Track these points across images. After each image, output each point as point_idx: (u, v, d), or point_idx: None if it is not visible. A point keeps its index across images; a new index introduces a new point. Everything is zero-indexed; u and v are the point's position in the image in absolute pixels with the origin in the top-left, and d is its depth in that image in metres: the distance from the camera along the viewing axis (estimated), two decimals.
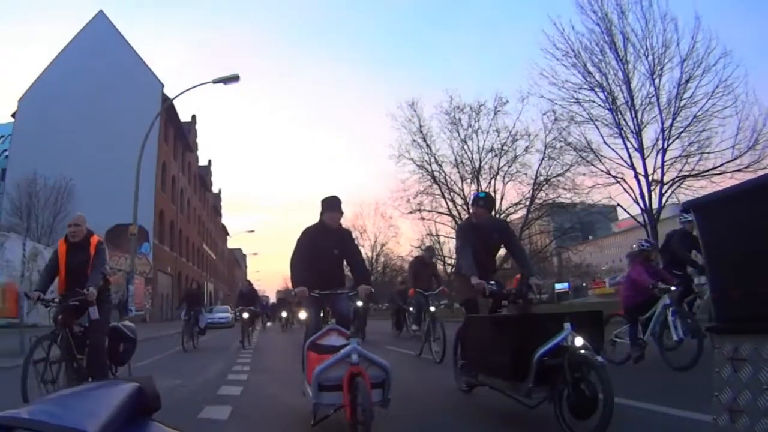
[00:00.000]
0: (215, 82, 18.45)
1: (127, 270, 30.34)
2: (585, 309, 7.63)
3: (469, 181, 26.38)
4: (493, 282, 4.93)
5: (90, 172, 34.52)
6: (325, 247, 4.88)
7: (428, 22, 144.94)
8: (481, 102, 26.12)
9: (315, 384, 3.62)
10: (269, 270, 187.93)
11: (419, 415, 4.54)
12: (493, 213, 6.33)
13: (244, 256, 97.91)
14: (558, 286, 65.69)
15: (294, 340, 11.60)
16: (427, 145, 27.07)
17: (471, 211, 5.76)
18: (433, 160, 27.13)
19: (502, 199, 25.38)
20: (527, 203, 24.94)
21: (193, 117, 53.47)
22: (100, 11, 43.45)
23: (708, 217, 2.25)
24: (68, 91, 38.22)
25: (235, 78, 18.48)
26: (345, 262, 5.21)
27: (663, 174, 19.17)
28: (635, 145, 19.69)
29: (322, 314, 4.90)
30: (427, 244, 24.68)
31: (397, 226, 40.48)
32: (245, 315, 13.69)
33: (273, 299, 48.04)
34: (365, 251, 44.92)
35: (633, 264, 7.18)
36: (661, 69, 19.44)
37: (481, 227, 5.31)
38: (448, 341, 7.39)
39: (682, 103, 18.84)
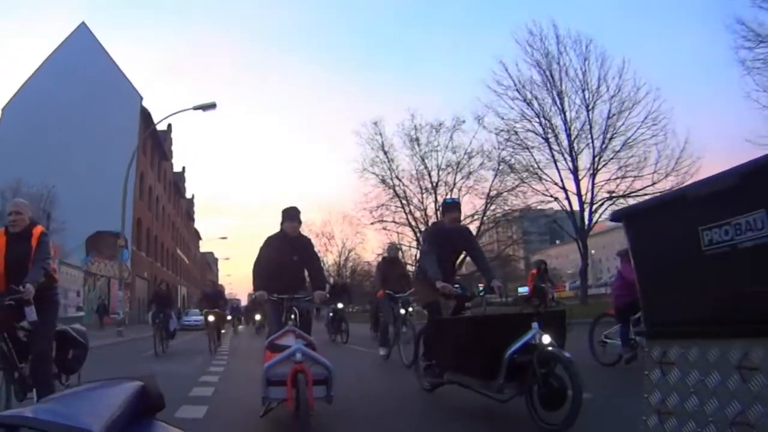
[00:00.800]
0: (195, 108, 20.64)
1: (109, 275, 32.14)
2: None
3: (427, 194, 29.00)
4: (457, 285, 5.28)
5: (72, 180, 35.70)
6: (285, 254, 5.10)
7: (404, 28, 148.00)
8: (440, 121, 28.83)
9: (263, 379, 3.89)
10: (241, 274, 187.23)
11: (381, 414, 4.68)
12: None
13: (216, 259, 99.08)
14: (521, 289, 68.67)
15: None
16: (389, 161, 29.73)
17: (443, 216, 5.77)
18: (394, 175, 29.75)
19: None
20: (480, 216, 27.56)
21: (169, 126, 55.00)
22: (82, 23, 45.08)
23: (635, 225, 2.28)
24: (51, 101, 39.50)
25: (212, 105, 20.68)
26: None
27: (593, 195, 22.09)
28: (571, 168, 22.68)
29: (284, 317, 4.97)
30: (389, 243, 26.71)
31: (364, 233, 42.53)
32: (210, 318, 12.96)
33: (244, 302, 49.69)
34: (333, 256, 47.16)
35: (624, 262, 6.87)
36: (594, 102, 22.53)
37: (448, 232, 5.48)
38: None
39: (610, 134, 22.02)
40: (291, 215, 5.20)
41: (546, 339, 3.74)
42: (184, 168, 67.26)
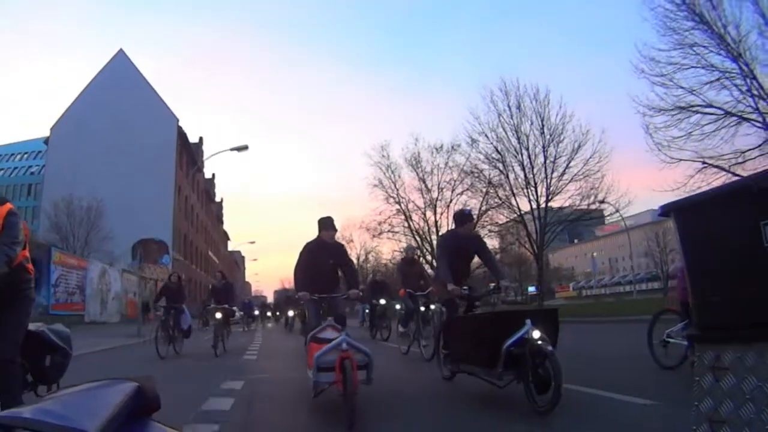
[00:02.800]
0: (231, 150, 24.20)
1: (153, 278, 36.45)
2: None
3: (427, 209, 33.36)
4: (466, 287, 5.69)
5: (117, 193, 39.54)
6: (323, 259, 5.68)
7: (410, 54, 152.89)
8: (441, 143, 32.81)
9: (315, 366, 4.40)
10: (268, 272, 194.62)
11: (406, 399, 5.19)
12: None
13: (243, 257, 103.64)
14: (530, 289, 71.94)
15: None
16: (394, 180, 34.08)
17: (457, 225, 6.12)
18: (399, 193, 34.08)
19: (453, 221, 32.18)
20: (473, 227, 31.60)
21: (200, 139, 59.86)
22: (120, 50, 49.35)
23: (688, 220, 2.15)
24: (95, 122, 43.70)
25: (245, 147, 24.19)
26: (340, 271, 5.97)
27: (546, 219, 27.20)
28: (534, 197, 27.57)
29: (321, 312, 5.55)
30: (406, 245, 29.03)
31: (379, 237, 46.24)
32: (218, 315, 11.42)
33: (270, 299, 53.74)
34: (353, 258, 51.33)
35: None
36: (550, 143, 27.38)
37: (461, 238, 5.98)
38: None
39: (561, 171, 27.17)
40: (328, 225, 5.76)
41: (536, 334, 4.16)
42: (213, 175, 72.20)
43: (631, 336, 8.98)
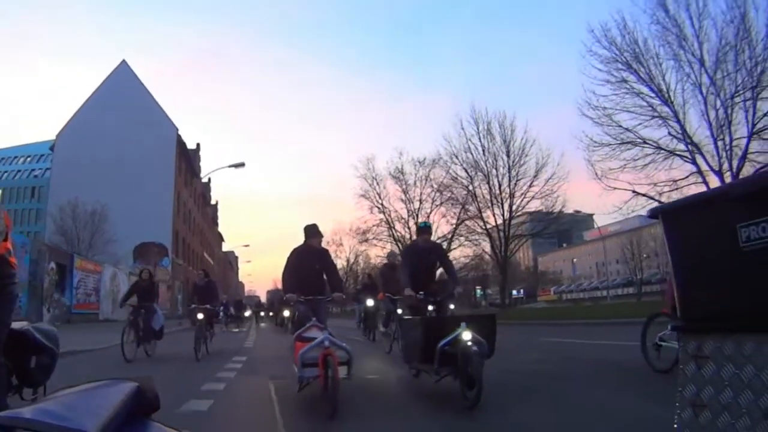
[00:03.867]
0: (229, 167, 27.08)
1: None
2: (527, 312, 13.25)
3: (410, 218, 36.16)
4: (422, 292, 6.10)
5: (119, 198, 41.31)
6: (309, 263, 5.98)
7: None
8: (421, 158, 35.62)
9: (300, 362, 4.82)
10: (261, 272, 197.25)
11: (380, 393, 5.65)
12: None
13: (237, 257, 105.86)
14: (513, 292, 74.39)
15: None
16: (379, 191, 36.91)
17: (418, 236, 6.68)
18: (383, 203, 36.92)
19: (436, 230, 34.79)
20: (450, 236, 34.50)
21: (198, 145, 62.43)
22: (123, 61, 51.62)
23: (672, 222, 2.30)
24: (99, 129, 45.77)
25: (242, 164, 26.95)
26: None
27: (508, 234, 30.86)
28: (500, 212, 31.29)
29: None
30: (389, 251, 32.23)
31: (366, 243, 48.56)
32: (200, 315, 10.57)
33: (263, 298, 55.68)
34: (341, 261, 53.80)
35: None
36: (514, 165, 30.96)
37: (422, 249, 6.40)
38: None
39: (524, 190, 30.92)
40: (314, 232, 6.10)
41: (468, 336, 4.51)
42: (209, 179, 74.59)
43: (596, 337, 10.81)
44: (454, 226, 33.86)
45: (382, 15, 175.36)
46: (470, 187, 31.53)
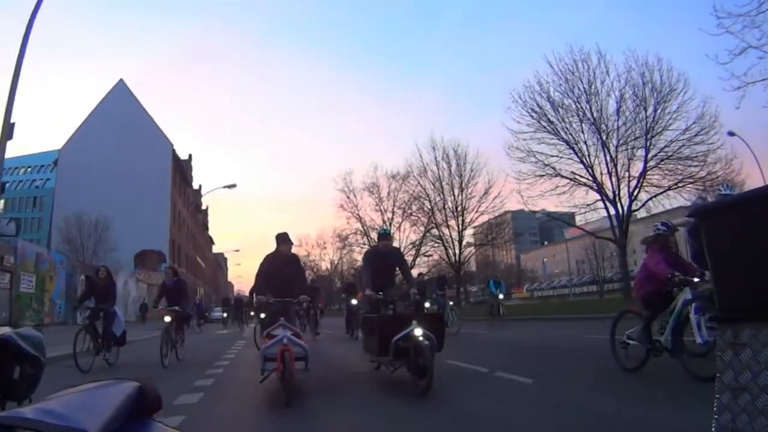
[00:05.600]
0: (223, 187, 31.43)
1: (152, 283, 42.38)
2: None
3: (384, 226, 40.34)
4: (381, 293, 6.51)
5: (120, 209, 44.68)
6: (280, 268, 6.47)
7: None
8: (395, 172, 40.27)
9: (261, 356, 5.41)
10: (248, 272, 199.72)
11: (342, 383, 6.30)
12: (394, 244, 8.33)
13: (226, 259, 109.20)
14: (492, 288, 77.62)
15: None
16: (356, 203, 41.39)
17: (378, 242, 7.13)
18: (359, 213, 41.41)
19: (406, 239, 39.39)
20: (418, 243, 39.29)
21: (190, 155, 66.49)
22: (120, 80, 55.43)
23: (712, 221, 2.43)
24: (99, 145, 49.38)
25: (233, 185, 31.39)
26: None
27: (462, 241, 36.63)
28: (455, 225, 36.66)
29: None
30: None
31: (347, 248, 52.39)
32: (167, 318, 9.61)
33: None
34: (326, 263, 57.99)
35: (650, 252, 5.94)
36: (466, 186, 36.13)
37: (383, 253, 6.89)
38: None
39: (473, 207, 36.45)
40: (285, 239, 6.59)
41: (419, 332, 5.12)
42: (201, 186, 78.40)
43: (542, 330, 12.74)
44: (421, 235, 38.61)
45: (372, 13, 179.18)
46: (428, 204, 37.04)
